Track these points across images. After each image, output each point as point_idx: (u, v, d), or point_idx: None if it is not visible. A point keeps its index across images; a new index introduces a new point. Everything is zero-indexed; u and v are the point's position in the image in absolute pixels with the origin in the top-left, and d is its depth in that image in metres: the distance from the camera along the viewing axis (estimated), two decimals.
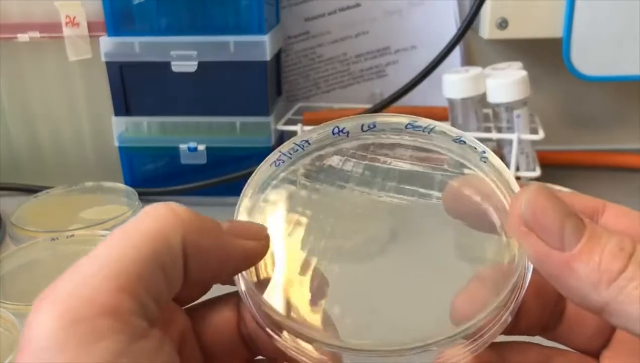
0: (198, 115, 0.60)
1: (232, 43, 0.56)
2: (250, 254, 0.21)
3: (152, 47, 0.57)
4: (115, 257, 0.18)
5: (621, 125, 0.72)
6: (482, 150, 0.23)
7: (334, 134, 0.24)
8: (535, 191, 0.19)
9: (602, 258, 0.18)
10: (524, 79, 0.56)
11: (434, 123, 0.23)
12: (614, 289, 0.18)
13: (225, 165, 0.59)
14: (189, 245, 0.19)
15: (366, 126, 0.23)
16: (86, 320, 0.16)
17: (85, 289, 0.17)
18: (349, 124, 0.24)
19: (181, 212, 0.19)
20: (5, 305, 0.41)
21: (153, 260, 0.18)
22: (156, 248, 0.18)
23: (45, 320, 0.17)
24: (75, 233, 0.51)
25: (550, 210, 0.19)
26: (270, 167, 0.23)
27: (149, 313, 0.18)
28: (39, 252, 0.49)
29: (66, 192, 0.60)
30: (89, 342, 0.16)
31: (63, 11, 0.60)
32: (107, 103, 0.61)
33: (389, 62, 0.70)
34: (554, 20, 0.60)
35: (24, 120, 0.65)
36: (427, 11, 0.68)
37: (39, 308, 0.17)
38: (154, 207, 0.19)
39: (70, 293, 0.17)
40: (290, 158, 0.24)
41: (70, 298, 0.17)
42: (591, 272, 0.18)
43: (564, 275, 0.19)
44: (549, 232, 0.19)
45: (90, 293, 0.17)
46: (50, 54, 0.62)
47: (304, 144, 0.23)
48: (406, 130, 0.23)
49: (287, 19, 0.69)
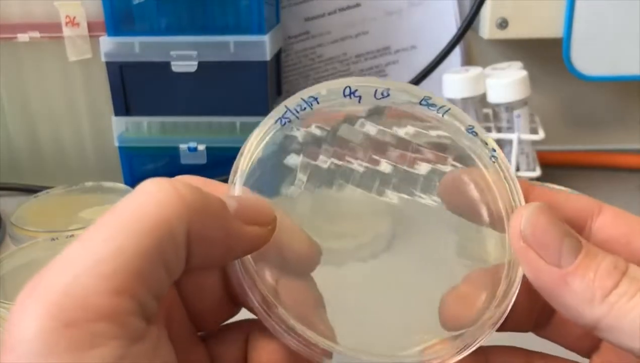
0: (198, 115, 0.60)
1: (232, 43, 0.56)
2: (256, 241, 0.20)
3: (152, 47, 0.57)
4: (113, 249, 0.16)
5: (621, 125, 0.72)
6: (493, 148, 0.22)
7: (345, 96, 0.22)
8: (537, 210, 0.20)
9: (597, 275, 0.19)
10: (524, 79, 0.56)
11: (449, 105, 0.23)
12: (606, 304, 0.18)
13: (225, 165, 0.58)
14: (194, 234, 0.17)
15: (379, 93, 0.22)
16: (80, 324, 0.15)
17: (79, 288, 0.15)
18: (361, 85, 0.22)
19: (185, 193, 0.17)
20: (5, 305, 0.41)
21: (156, 254, 0.16)
22: (159, 240, 0.16)
23: (33, 321, 0.15)
24: (75, 233, 0.51)
25: (550, 229, 0.19)
26: (275, 124, 0.22)
27: (148, 311, 0.16)
28: (39, 252, 0.49)
29: (66, 192, 0.60)
30: (84, 347, 0.15)
31: (63, 11, 0.60)
32: (107, 103, 0.61)
33: (389, 62, 0.70)
34: (554, 20, 0.60)
35: (24, 120, 0.65)
36: (427, 11, 0.68)
37: (25, 305, 0.15)
38: (154, 183, 0.17)
39: (62, 291, 0.15)
40: (297, 117, 0.22)
41: (62, 297, 0.15)
42: (586, 288, 0.19)
43: (559, 290, 0.19)
44: (547, 249, 0.19)
45: (85, 293, 0.15)
46: (50, 54, 0.62)
47: (312, 101, 0.22)
48: (420, 105, 0.22)
49: (287, 19, 0.69)
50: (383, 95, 0.22)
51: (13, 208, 0.57)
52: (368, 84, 0.22)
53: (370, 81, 0.22)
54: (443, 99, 0.23)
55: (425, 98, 0.22)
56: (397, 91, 0.22)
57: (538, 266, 0.19)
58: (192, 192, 0.17)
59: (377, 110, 0.23)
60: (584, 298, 0.19)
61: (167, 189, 0.17)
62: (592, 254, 0.19)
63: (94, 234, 0.16)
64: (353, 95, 0.22)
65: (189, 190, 0.17)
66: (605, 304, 0.18)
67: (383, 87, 0.22)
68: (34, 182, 0.63)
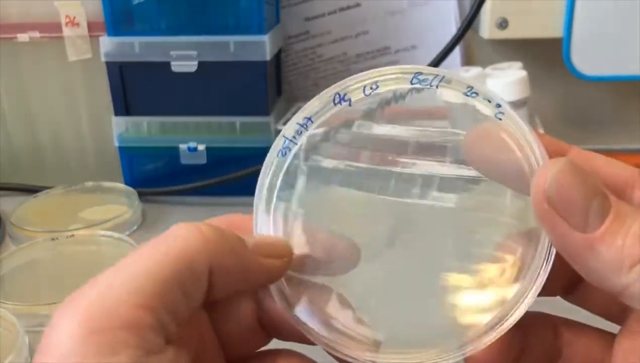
0: (198, 115, 0.60)
1: (232, 43, 0.56)
2: (274, 272, 0.22)
3: (152, 47, 0.57)
4: (140, 272, 0.18)
5: (621, 125, 0.72)
6: (497, 103, 0.21)
7: (335, 104, 0.22)
8: (565, 166, 0.18)
9: (626, 242, 0.17)
10: (524, 79, 0.56)
11: (442, 73, 0.21)
12: (634, 273, 0.17)
13: (225, 165, 0.59)
14: (214, 266, 0.19)
15: (368, 89, 0.22)
16: (105, 332, 0.17)
17: (108, 300, 0.17)
18: (350, 87, 0.22)
19: (208, 233, 0.20)
20: (5, 305, 0.41)
21: (174, 280, 0.18)
22: (178, 270, 0.19)
23: (67, 327, 0.17)
24: (75, 233, 0.51)
25: (577, 189, 0.18)
26: (277, 158, 0.23)
27: (166, 330, 0.18)
28: (39, 252, 0.49)
29: (66, 192, 0.60)
30: (107, 353, 0.16)
31: (63, 11, 0.60)
32: (107, 103, 0.61)
33: (389, 62, 0.70)
34: (554, 20, 0.60)
35: (24, 120, 0.65)
36: (427, 11, 0.68)
37: (61, 314, 0.17)
38: (182, 226, 0.20)
39: (92, 303, 0.17)
40: (295, 142, 0.23)
41: (92, 307, 0.17)
42: (614, 256, 0.17)
43: (585, 257, 0.18)
44: (572, 212, 0.18)
45: (112, 305, 0.17)
46: (50, 54, 0.62)
47: (306, 122, 0.23)
48: (412, 85, 0.22)
49: (287, 19, 0.69)
50: (373, 89, 0.22)
51: (13, 208, 0.57)
52: (354, 82, 0.22)
53: (357, 78, 0.22)
54: (435, 69, 0.21)
55: (416, 75, 0.21)
56: (385, 80, 0.22)
57: (562, 231, 0.18)
58: (213, 232, 0.20)
59: (370, 113, 0.23)
60: (611, 267, 0.17)
61: (192, 230, 0.20)
62: (622, 216, 0.18)
63: (128, 260, 0.19)
64: (343, 100, 0.22)
65: (211, 231, 0.20)
66: (633, 273, 0.17)
67: (370, 80, 0.22)
68: (34, 182, 0.63)
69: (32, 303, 0.41)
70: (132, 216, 0.55)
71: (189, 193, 0.60)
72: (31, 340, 0.39)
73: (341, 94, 0.22)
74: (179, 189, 0.60)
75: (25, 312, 0.41)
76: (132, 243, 0.48)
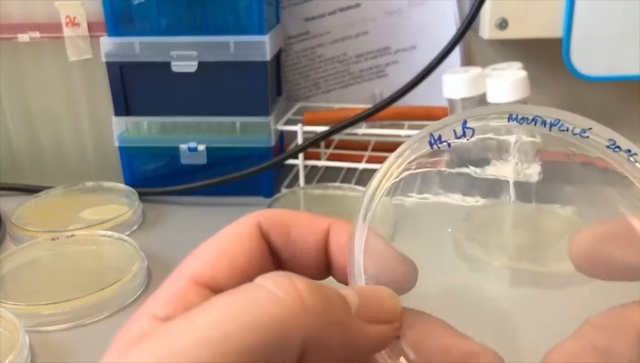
0: (198, 115, 0.60)
1: (232, 43, 0.56)
2: (382, 341, 0.18)
3: (152, 47, 0.57)
4: (219, 335, 0.15)
5: (621, 125, 0.71)
6: (628, 149, 0.19)
7: (431, 145, 0.20)
8: None
9: None
10: (524, 79, 0.56)
11: (589, 124, 0.18)
12: None
13: (225, 165, 0.59)
14: (311, 341, 0.16)
15: (460, 132, 0.19)
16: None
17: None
18: (445, 132, 0.20)
19: (305, 294, 0.16)
20: (5, 305, 0.41)
21: (261, 352, 0.15)
22: (268, 340, 0.15)
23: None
24: (75, 233, 0.51)
25: None
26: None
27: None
28: (39, 252, 0.49)
29: (66, 192, 0.60)
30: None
31: (63, 11, 0.60)
32: (107, 103, 0.61)
33: (389, 62, 0.70)
34: (554, 20, 0.60)
35: (24, 120, 0.65)
36: (427, 11, 0.68)
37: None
38: (276, 282, 0.16)
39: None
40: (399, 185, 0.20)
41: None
42: None
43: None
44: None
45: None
46: (50, 54, 0.62)
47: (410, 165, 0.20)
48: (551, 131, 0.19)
49: (287, 19, 0.69)
50: (464, 134, 0.20)
51: (13, 208, 0.57)
52: (447, 123, 0.20)
53: (451, 120, 0.20)
54: (583, 119, 0.19)
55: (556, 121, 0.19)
56: (481, 122, 0.20)
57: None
58: (312, 293, 0.16)
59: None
60: None
61: (287, 287, 0.16)
62: None
63: (203, 315, 0.15)
64: (439, 141, 0.20)
65: (309, 291, 0.16)
66: None
67: (459, 120, 0.19)
68: (34, 182, 0.63)
69: (32, 303, 0.41)
70: (132, 216, 0.55)
71: (189, 193, 0.60)
72: (31, 340, 0.39)
73: (435, 136, 0.20)
74: (179, 189, 0.60)
75: (25, 312, 0.41)
76: (132, 243, 0.48)
